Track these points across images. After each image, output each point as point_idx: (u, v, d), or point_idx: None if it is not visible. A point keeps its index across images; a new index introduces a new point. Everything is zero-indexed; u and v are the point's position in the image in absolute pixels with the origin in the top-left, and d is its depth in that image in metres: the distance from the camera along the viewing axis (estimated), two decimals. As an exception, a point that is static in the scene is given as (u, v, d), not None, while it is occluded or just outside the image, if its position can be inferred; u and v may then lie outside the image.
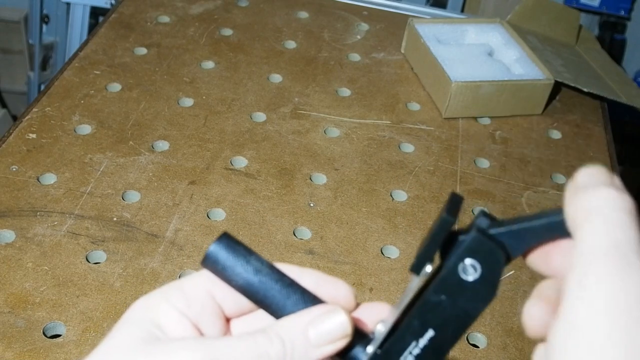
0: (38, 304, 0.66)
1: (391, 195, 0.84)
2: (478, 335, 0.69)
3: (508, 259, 0.30)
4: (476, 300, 0.30)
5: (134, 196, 0.79)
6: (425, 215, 0.81)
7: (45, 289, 0.67)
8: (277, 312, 0.31)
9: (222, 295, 0.32)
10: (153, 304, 0.31)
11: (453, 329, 0.30)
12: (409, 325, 0.30)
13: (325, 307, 0.30)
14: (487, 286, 0.30)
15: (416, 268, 0.30)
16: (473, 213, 0.82)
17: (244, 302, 0.32)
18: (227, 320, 0.33)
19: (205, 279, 0.32)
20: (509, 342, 0.68)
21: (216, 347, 0.29)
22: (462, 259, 0.30)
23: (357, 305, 0.33)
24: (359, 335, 0.31)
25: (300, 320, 0.30)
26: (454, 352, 0.68)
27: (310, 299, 0.31)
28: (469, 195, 0.85)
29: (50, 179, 0.79)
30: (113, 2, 1.66)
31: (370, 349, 0.30)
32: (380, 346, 0.30)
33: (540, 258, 0.30)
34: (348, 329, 0.30)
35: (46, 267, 0.69)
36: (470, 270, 0.30)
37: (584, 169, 0.28)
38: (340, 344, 0.30)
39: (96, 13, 1.76)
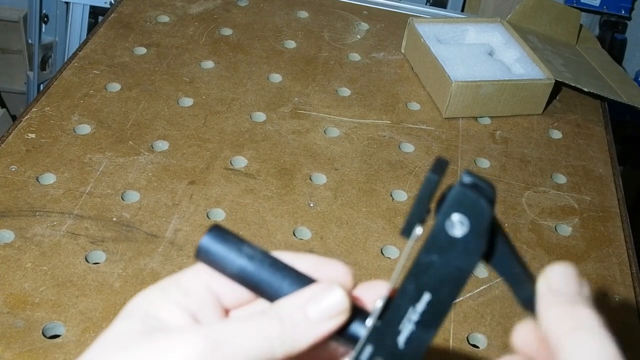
0: (37, 304, 0.65)
1: (391, 195, 0.83)
2: (478, 336, 0.69)
3: (492, 206, 0.30)
4: (468, 255, 0.30)
5: (133, 196, 0.78)
6: (425, 215, 0.81)
7: (45, 289, 0.67)
8: (274, 296, 0.31)
9: (220, 287, 0.32)
10: (151, 299, 0.31)
11: (449, 288, 0.30)
12: (404, 292, 0.30)
13: (322, 284, 0.30)
14: (476, 239, 0.30)
15: (406, 231, 0.30)
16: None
17: (242, 292, 0.32)
18: (226, 312, 0.33)
19: (202, 271, 0.32)
20: (509, 342, 0.68)
21: (216, 330, 0.29)
22: (448, 215, 0.30)
23: (355, 285, 0.33)
24: (358, 313, 0.31)
25: (298, 299, 0.30)
26: (454, 352, 0.67)
27: (307, 280, 0.31)
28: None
29: (49, 179, 0.79)
30: (112, 1, 1.66)
31: (369, 321, 0.30)
32: (379, 317, 0.30)
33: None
34: (346, 304, 0.30)
35: (45, 268, 0.69)
36: (457, 225, 0.29)
37: (556, 271, 0.30)
38: (339, 319, 0.30)
39: (95, 13, 1.75)
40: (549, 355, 0.29)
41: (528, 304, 0.31)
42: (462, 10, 1.73)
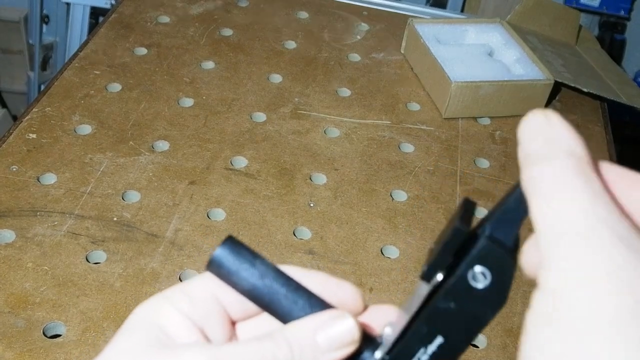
0: (38, 304, 0.66)
1: (391, 195, 0.84)
2: (478, 335, 0.69)
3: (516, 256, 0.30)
4: (486, 307, 0.30)
5: (134, 196, 0.79)
6: (425, 215, 0.81)
7: (45, 289, 0.67)
8: (284, 317, 0.30)
9: (228, 298, 0.31)
10: (157, 308, 0.31)
11: (462, 336, 0.30)
12: (417, 332, 0.30)
13: (334, 312, 0.30)
14: (498, 293, 0.29)
15: (427, 276, 0.30)
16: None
17: (250, 305, 0.31)
18: (233, 323, 0.32)
19: (210, 281, 0.31)
20: (509, 342, 0.68)
21: (222, 352, 0.28)
22: (471, 267, 0.29)
23: (365, 307, 0.33)
24: (367, 340, 0.31)
25: (309, 325, 0.29)
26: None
27: (318, 304, 0.31)
28: (468, 195, 0.85)
29: (50, 179, 0.79)
30: (113, 2, 1.66)
31: (378, 354, 0.30)
32: (388, 352, 0.30)
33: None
34: (356, 335, 0.29)
35: (46, 267, 0.69)
36: (480, 277, 0.29)
37: (528, 123, 0.26)
38: (349, 349, 0.29)
39: (96, 13, 1.76)
40: None
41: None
42: (462, 11, 1.73)
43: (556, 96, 1.04)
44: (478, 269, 0.29)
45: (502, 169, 0.90)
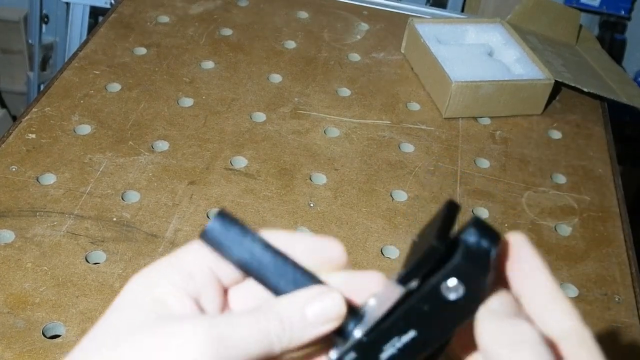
0: (37, 304, 0.65)
1: (391, 195, 0.83)
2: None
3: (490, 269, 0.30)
4: (459, 315, 0.31)
5: (133, 196, 0.78)
6: (425, 215, 0.81)
7: (45, 289, 0.67)
8: (274, 289, 0.32)
9: (220, 267, 0.33)
10: (152, 281, 0.32)
11: (435, 335, 0.31)
12: (393, 322, 0.31)
13: (322, 287, 0.32)
14: (468, 305, 0.30)
15: (403, 281, 0.31)
16: (473, 213, 0.82)
17: (241, 272, 0.33)
18: (225, 291, 0.33)
19: (201, 251, 0.33)
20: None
21: (220, 324, 0.30)
22: (445, 279, 0.30)
23: (348, 260, 0.35)
24: (351, 311, 0.32)
25: (298, 300, 0.31)
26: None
27: (307, 277, 0.32)
28: (469, 196, 0.85)
29: (49, 179, 0.79)
30: (112, 2, 1.66)
31: (358, 333, 0.31)
32: (367, 334, 0.31)
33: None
34: (342, 310, 0.31)
35: (46, 268, 0.69)
36: (452, 290, 0.30)
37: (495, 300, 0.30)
38: (335, 323, 0.31)
39: (96, 13, 1.76)
40: None
41: None
42: (462, 11, 1.73)
43: (556, 96, 1.04)
44: (451, 282, 0.30)
45: (502, 169, 0.90)
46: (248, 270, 0.32)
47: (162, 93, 0.94)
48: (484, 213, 0.83)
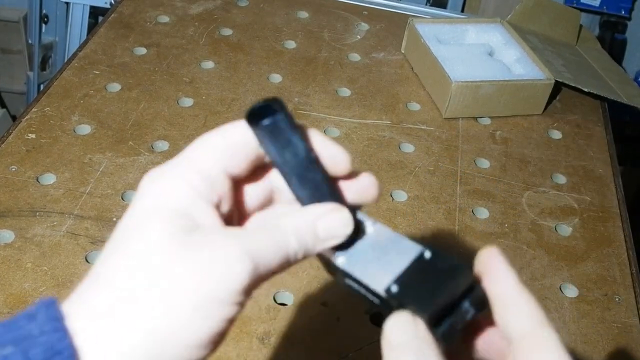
0: (37, 304, 0.65)
1: (391, 195, 0.83)
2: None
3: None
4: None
5: (133, 196, 0.78)
6: (425, 215, 0.81)
7: (45, 289, 0.67)
8: (294, 192, 0.35)
9: (236, 169, 0.34)
10: (172, 190, 0.32)
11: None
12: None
13: (333, 205, 0.35)
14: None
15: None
16: (473, 213, 0.82)
17: (245, 165, 0.34)
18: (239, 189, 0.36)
19: (219, 153, 0.33)
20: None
21: (248, 240, 0.32)
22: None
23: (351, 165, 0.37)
24: (356, 228, 0.36)
25: (310, 216, 0.34)
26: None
27: (323, 193, 0.35)
28: (469, 196, 0.85)
29: (49, 179, 0.79)
30: (112, 2, 1.66)
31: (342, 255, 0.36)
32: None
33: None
34: (350, 227, 0.35)
35: (45, 268, 0.69)
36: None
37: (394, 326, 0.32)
38: (342, 238, 0.35)
39: (96, 13, 1.75)
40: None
41: None
42: (462, 11, 1.73)
43: (556, 96, 1.04)
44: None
45: (502, 169, 0.90)
46: (279, 167, 0.34)
47: (162, 93, 0.94)
48: (484, 213, 0.83)
